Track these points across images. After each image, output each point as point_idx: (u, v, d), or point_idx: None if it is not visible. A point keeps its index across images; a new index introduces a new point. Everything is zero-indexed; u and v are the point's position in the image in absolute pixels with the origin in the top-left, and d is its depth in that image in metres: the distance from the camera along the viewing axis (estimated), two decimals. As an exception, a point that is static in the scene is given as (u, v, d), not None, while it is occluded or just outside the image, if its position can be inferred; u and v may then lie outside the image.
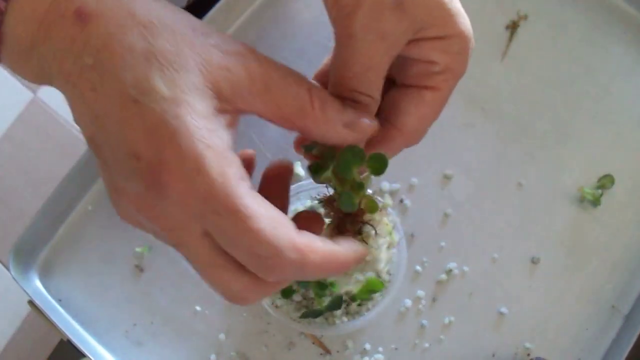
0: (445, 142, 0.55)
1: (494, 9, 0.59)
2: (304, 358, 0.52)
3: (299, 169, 0.55)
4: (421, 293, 0.53)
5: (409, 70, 0.35)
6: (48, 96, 0.68)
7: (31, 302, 0.50)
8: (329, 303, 0.47)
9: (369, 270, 0.45)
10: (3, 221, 0.67)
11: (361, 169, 0.34)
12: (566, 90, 0.57)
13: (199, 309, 0.53)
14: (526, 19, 0.59)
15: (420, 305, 0.52)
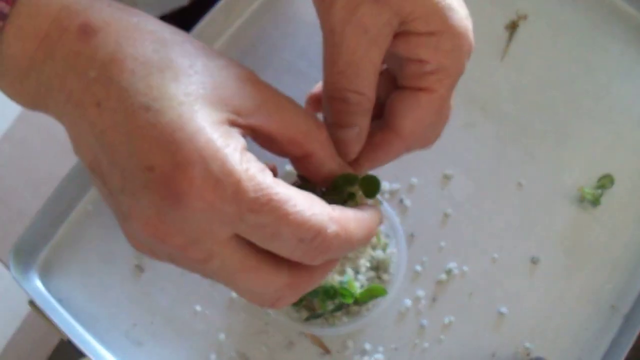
0: (445, 142, 0.55)
1: (493, 9, 0.59)
2: (304, 358, 0.52)
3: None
4: (421, 293, 0.53)
5: (404, 71, 0.34)
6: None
7: (31, 302, 0.50)
8: (334, 307, 0.48)
9: (362, 257, 0.46)
10: (3, 221, 0.67)
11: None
12: (566, 90, 0.57)
13: (199, 309, 0.53)
14: (526, 19, 0.59)
15: (420, 305, 0.52)
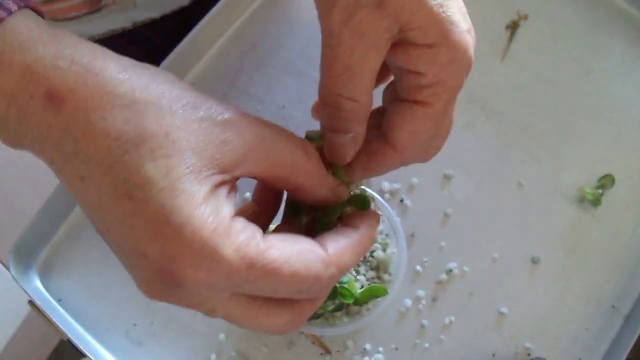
0: (446, 142, 0.55)
1: (494, 9, 0.59)
2: (304, 358, 0.52)
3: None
4: (421, 293, 0.53)
5: (402, 82, 0.33)
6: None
7: (31, 302, 0.50)
8: (334, 307, 0.48)
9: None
10: (3, 221, 0.67)
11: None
12: (566, 90, 0.57)
13: (199, 309, 0.53)
14: (526, 19, 0.59)
15: (420, 305, 0.52)
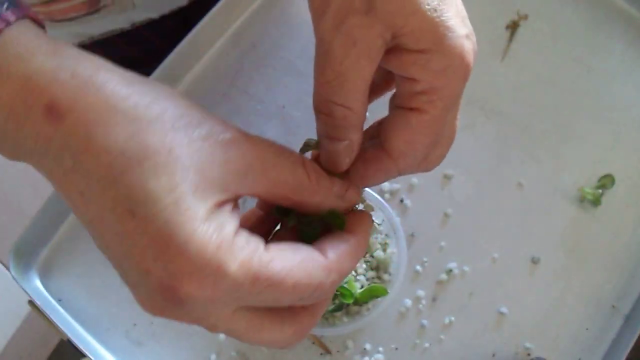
0: (445, 142, 0.55)
1: (494, 9, 0.59)
2: (304, 358, 0.51)
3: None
4: (421, 293, 0.53)
5: (397, 89, 0.33)
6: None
7: (31, 302, 0.50)
8: (333, 307, 0.48)
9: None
10: (3, 221, 0.67)
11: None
12: (566, 90, 0.57)
13: (199, 309, 0.53)
14: (526, 19, 0.59)
15: (420, 305, 0.52)
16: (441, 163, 0.36)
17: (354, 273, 0.50)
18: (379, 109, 0.38)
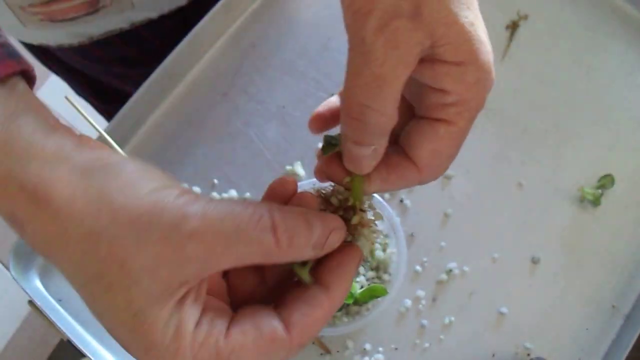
0: (445, 142, 0.55)
1: (494, 9, 0.59)
2: (304, 358, 0.51)
3: (299, 169, 0.55)
4: (421, 293, 0.53)
5: (424, 100, 0.32)
6: (49, 94, 0.67)
7: (31, 302, 0.50)
8: None
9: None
10: (3, 221, 0.67)
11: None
12: (566, 90, 0.57)
13: (199, 309, 0.53)
14: (526, 19, 0.59)
15: (420, 305, 0.52)
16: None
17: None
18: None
